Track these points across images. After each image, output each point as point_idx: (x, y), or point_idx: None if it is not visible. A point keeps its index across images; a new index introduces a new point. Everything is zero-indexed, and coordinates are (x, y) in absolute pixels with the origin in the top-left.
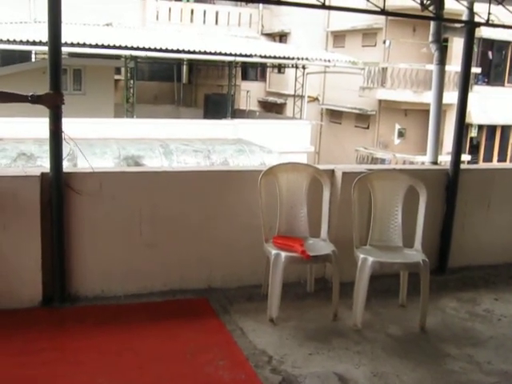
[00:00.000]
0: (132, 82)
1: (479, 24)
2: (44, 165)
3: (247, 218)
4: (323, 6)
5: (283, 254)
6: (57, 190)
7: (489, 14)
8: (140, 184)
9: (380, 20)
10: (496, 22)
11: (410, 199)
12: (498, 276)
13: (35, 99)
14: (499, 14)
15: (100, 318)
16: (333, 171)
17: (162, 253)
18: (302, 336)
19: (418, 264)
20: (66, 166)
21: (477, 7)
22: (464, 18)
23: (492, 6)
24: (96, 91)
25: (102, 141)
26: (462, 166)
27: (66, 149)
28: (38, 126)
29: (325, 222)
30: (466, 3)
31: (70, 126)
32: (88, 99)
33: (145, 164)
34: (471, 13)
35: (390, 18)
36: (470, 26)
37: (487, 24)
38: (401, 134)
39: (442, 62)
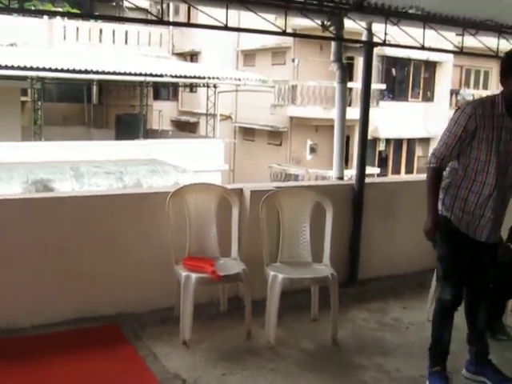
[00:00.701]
0: (39, 103)
1: (377, 44)
2: None
3: (158, 240)
4: (226, 28)
5: (193, 276)
6: None
7: (385, 34)
8: (43, 211)
9: (289, 39)
10: (392, 42)
11: (318, 215)
12: (406, 285)
13: None
14: (396, 34)
15: (5, 352)
16: (241, 190)
17: (70, 280)
18: (216, 357)
19: (327, 278)
20: None
21: (377, 27)
22: (363, 38)
23: (388, 26)
24: (1, 113)
25: (8, 165)
26: (367, 180)
27: None
28: None
29: (235, 241)
30: (364, 24)
31: None
32: None
33: (55, 188)
34: (369, 33)
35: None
36: (369, 45)
37: (384, 44)
38: (312, 150)
39: (344, 80)
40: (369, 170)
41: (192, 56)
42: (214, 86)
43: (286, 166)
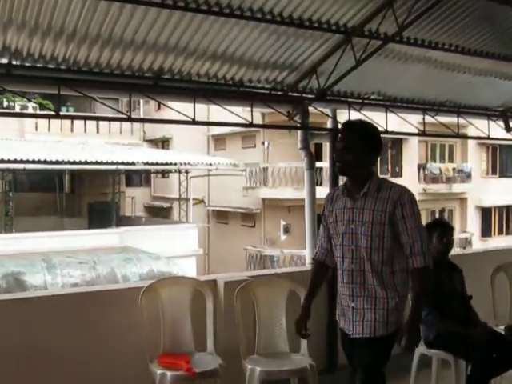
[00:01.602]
0: (10, 194)
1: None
2: None
3: (132, 337)
4: (194, 122)
5: (169, 374)
6: None
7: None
8: (10, 313)
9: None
10: None
11: (293, 302)
12: (387, 368)
13: None
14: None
15: None
16: (215, 281)
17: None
18: None
19: (306, 369)
20: None
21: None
22: (328, 125)
23: (352, 112)
24: None
25: None
26: None
27: None
28: None
29: (210, 334)
30: (328, 112)
31: None
32: None
33: (26, 280)
34: (334, 120)
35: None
36: (334, 132)
37: None
38: (286, 230)
39: (312, 167)
40: None
41: (163, 142)
42: (186, 172)
43: (260, 247)
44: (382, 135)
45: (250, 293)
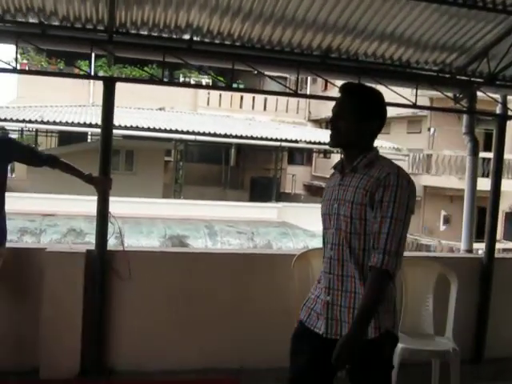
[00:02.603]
0: (181, 164)
1: (511, 117)
2: (92, 241)
3: (283, 301)
4: None
5: None
6: (100, 268)
7: None
8: (178, 264)
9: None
10: None
11: (441, 287)
12: None
13: (88, 179)
14: None
15: None
16: None
17: (197, 332)
18: None
19: (448, 352)
20: (114, 244)
21: None
22: (497, 110)
23: None
24: (146, 172)
25: (149, 220)
26: (498, 255)
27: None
28: (88, 203)
29: None
30: (499, 98)
31: (120, 204)
32: (138, 179)
33: (189, 244)
34: (504, 107)
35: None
36: (502, 119)
37: None
38: (446, 220)
39: (476, 153)
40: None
41: (327, 123)
42: None
43: (417, 235)
44: None
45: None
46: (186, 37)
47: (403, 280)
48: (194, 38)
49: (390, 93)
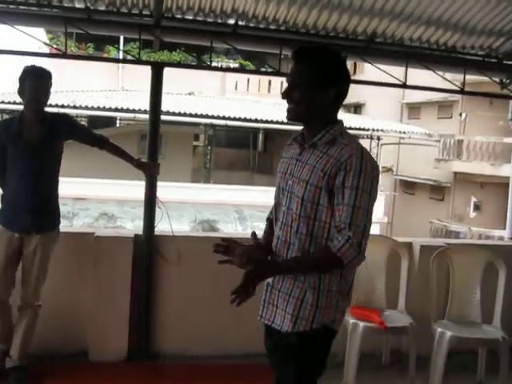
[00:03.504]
0: (209, 148)
1: None
2: (123, 225)
3: None
4: (404, 86)
5: (361, 324)
6: (148, 252)
7: None
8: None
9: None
10: None
11: (489, 275)
12: None
13: (138, 164)
14: None
15: (179, 377)
16: (411, 244)
17: (241, 318)
18: None
19: (497, 341)
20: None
21: None
22: None
23: None
24: (175, 156)
25: (179, 204)
26: None
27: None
28: (119, 187)
29: (402, 294)
30: None
31: None
32: (167, 163)
33: (219, 228)
34: None
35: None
36: None
37: None
38: (477, 207)
39: None
40: None
41: (356, 107)
42: (378, 138)
43: (447, 222)
44: None
45: (446, 259)
46: (231, 21)
47: (451, 268)
48: (239, 23)
49: (423, 80)
